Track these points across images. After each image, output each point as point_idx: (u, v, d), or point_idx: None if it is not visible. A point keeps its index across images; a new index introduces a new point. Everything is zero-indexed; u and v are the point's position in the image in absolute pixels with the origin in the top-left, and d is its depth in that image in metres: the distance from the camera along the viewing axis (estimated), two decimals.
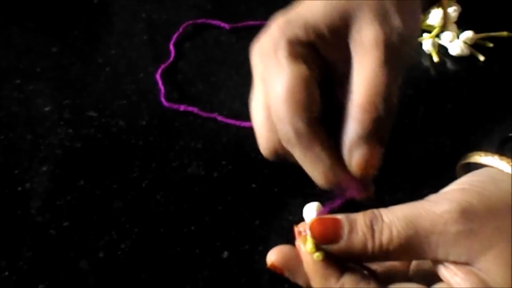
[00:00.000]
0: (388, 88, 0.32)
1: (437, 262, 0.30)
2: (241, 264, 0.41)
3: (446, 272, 0.30)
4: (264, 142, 0.35)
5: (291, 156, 0.34)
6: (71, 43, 0.59)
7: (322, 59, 0.34)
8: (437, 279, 0.31)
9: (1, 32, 0.61)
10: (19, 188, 0.46)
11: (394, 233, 0.29)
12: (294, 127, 0.32)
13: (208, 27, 0.60)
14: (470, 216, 0.29)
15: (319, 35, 0.34)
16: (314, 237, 0.30)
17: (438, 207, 0.29)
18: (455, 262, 0.29)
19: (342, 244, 0.30)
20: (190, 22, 0.60)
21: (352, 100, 0.32)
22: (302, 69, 0.33)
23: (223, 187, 0.46)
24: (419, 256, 0.30)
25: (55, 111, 0.52)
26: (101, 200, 0.45)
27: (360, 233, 0.30)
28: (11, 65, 0.57)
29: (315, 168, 0.33)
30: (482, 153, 0.35)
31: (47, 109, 0.52)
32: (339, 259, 0.31)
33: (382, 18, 0.33)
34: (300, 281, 0.32)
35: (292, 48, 0.33)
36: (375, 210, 0.30)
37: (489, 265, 0.28)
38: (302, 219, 0.39)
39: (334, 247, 0.30)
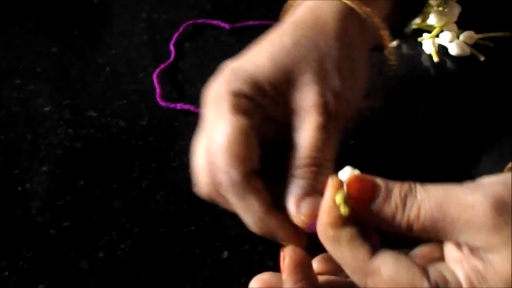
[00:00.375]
0: (326, 147, 0.35)
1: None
2: (241, 264, 0.41)
3: (457, 252, 0.30)
4: (202, 185, 0.36)
5: (226, 201, 0.35)
6: (71, 43, 0.59)
7: (264, 112, 0.36)
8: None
9: (1, 32, 0.61)
10: (19, 188, 0.46)
11: (422, 212, 0.29)
12: (230, 177, 0.34)
13: (208, 27, 0.60)
14: (501, 211, 0.29)
15: (262, 91, 0.36)
16: (350, 192, 0.30)
17: (472, 196, 0.29)
18: (469, 247, 0.29)
19: (374, 207, 0.30)
20: (190, 22, 0.60)
21: (295, 159, 0.35)
22: (243, 121, 0.34)
23: None
24: (440, 238, 0.30)
25: (55, 111, 0.52)
26: (101, 200, 0.45)
27: (393, 203, 0.30)
28: (11, 65, 0.57)
29: (247, 216, 0.35)
30: None
31: (47, 109, 0.52)
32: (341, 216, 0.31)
33: (322, 80, 0.36)
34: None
35: (235, 100, 0.35)
36: (412, 184, 0.30)
37: (499, 262, 0.28)
38: None
39: (364, 209, 0.30)
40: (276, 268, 0.41)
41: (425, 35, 0.59)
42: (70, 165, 0.48)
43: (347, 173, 0.32)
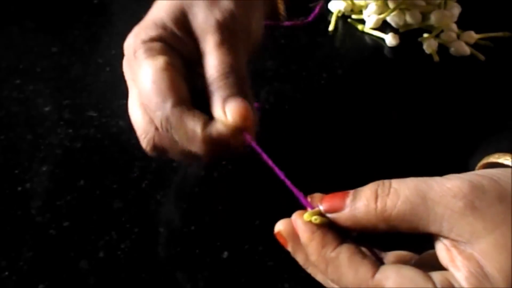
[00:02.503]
0: (231, 59, 0.37)
1: (438, 240, 0.30)
2: (241, 264, 0.41)
3: (447, 254, 0.30)
4: (143, 137, 0.38)
5: (171, 144, 0.37)
6: (71, 43, 0.59)
7: (178, 49, 0.38)
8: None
9: (1, 32, 0.61)
10: (19, 188, 0.46)
11: (401, 197, 0.29)
12: (164, 111, 0.35)
13: None
14: (479, 194, 0.29)
15: (168, 30, 0.38)
16: (324, 206, 0.31)
17: (450, 181, 0.30)
18: (456, 241, 0.29)
19: (346, 211, 0.31)
20: None
21: (207, 80, 0.37)
22: (160, 61, 0.37)
23: (223, 187, 0.46)
24: (422, 228, 0.30)
25: (55, 111, 0.52)
26: (101, 200, 0.45)
27: (363, 199, 0.31)
28: (11, 65, 0.57)
29: (191, 142, 0.36)
30: (498, 154, 0.36)
31: (47, 109, 0.52)
32: (337, 232, 0.31)
33: (213, 4, 0.39)
34: (299, 257, 0.33)
35: (147, 46, 0.38)
36: (384, 180, 0.31)
37: (489, 248, 0.28)
38: None
39: (339, 215, 0.31)
40: (276, 268, 0.41)
41: (425, 35, 0.59)
42: (70, 165, 0.48)
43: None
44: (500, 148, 0.36)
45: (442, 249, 0.30)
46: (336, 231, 0.31)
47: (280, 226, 0.34)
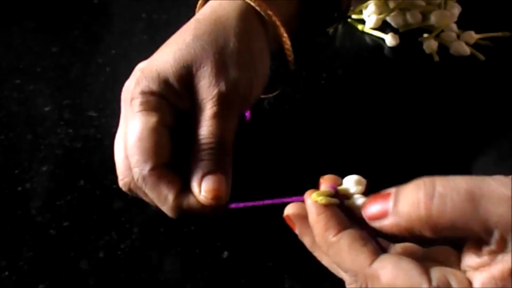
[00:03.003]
0: (222, 132, 0.39)
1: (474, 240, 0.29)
2: (241, 264, 0.41)
3: (476, 256, 0.29)
4: (121, 178, 0.40)
5: (144, 193, 0.39)
6: (71, 43, 0.59)
7: (173, 106, 0.40)
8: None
9: (1, 32, 0.61)
10: (19, 188, 0.46)
11: (449, 204, 0.28)
12: (141, 171, 0.37)
13: None
14: None
15: (169, 86, 0.39)
16: (366, 213, 0.31)
17: (506, 188, 0.27)
18: (497, 248, 0.28)
19: (389, 220, 0.30)
20: None
21: (195, 146, 0.39)
22: (152, 119, 0.38)
23: None
24: (467, 234, 0.28)
25: (55, 111, 0.52)
26: (101, 200, 0.45)
27: (404, 204, 0.29)
28: (11, 65, 0.57)
29: (162, 205, 0.38)
30: None
31: (47, 109, 0.52)
32: (345, 216, 0.32)
33: (219, 71, 0.39)
34: (306, 240, 0.34)
35: (144, 98, 0.39)
36: (426, 180, 0.29)
37: None
38: None
39: (383, 225, 0.30)
40: (276, 268, 0.41)
41: (425, 35, 0.59)
42: (70, 165, 0.48)
43: (352, 180, 0.33)
44: (501, 149, 0.36)
45: (471, 253, 0.29)
46: (344, 216, 0.32)
47: (289, 210, 0.34)
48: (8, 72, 0.56)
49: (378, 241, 0.32)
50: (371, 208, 0.31)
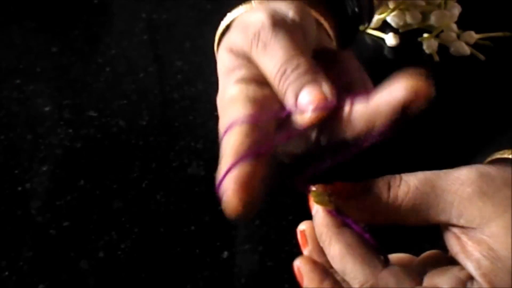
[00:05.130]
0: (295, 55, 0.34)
1: (447, 230, 0.31)
2: (241, 264, 0.41)
3: (457, 242, 0.30)
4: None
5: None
6: (71, 43, 0.59)
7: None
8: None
9: (1, 32, 0.61)
10: (19, 188, 0.46)
11: (412, 186, 0.30)
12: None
13: (208, 26, 0.60)
14: (487, 180, 0.30)
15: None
16: (333, 191, 0.32)
17: (458, 171, 0.30)
18: (465, 228, 0.30)
19: (358, 198, 0.31)
20: None
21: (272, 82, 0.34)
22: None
23: None
24: (432, 217, 0.30)
25: (55, 111, 0.52)
26: (101, 200, 0.45)
27: (375, 188, 0.31)
28: (11, 65, 0.57)
29: None
30: (503, 151, 0.36)
31: (47, 109, 0.52)
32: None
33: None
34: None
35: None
36: (395, 175, 0.32)
37: (499, 230, 0.29)
38: (302, 219, 0.39)
39: (350, 202, 0.31)
40: (276, 268, 0.41)
41: (425, 35, 0.59)
42: (70, 165, 0.48)
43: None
44: (501, 148, 0.36)
45: (451, 238, 0.30)
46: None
47: (304, 226, 0.34)
48: (8, 72, 0.56)
49: (374, 239, 0.32)
50: (342, 186, 0.32)
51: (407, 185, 0.30)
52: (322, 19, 0.41)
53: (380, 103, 0.33)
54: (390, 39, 0.58)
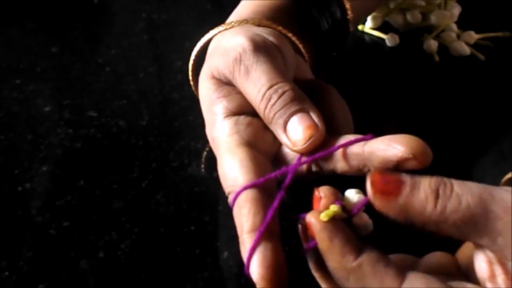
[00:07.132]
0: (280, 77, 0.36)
1: (481, 251, 0.29)
2: (241, 264, 0.41)
3: (488, 268, 0.29)
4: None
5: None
6: (71, 43, 0.59)
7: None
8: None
9: (1, 32, 0.61)
10: (19, 188, 0.46)
11: (464, 204, 0.28)
12: None
13: (208, 26, 0.60)
14: None
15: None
16: (374, 190, 0.29)
17: (510, 193, 0.29)
18: (503, 257, 0.28)
19: (401, 200, 0.29)
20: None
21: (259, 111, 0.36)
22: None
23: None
24: (474, 237, 0.29)
25: (55, 111, 0.52)
26: (101, 200, 0.45)
27: (422, 194, 0.29)
28: (11, 65, 0.57)
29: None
30: None
31: (47, 109, 0.52)
32: (355, 239, 0.30)
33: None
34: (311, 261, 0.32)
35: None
36: (445, 178, 0.29)
37: None
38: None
39: (392, 203, 0.29)
40: None
41: (425, 35, 0.59)
42: (70, 165, 0.48)
43: (352, 194, 0.32)
44: (501, 149, 0.36)
45: (483, 261, 0.29)
46: (353, 235, 0.30)
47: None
48: (8, 72, 0.56)
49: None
50: (383, 184, 0.29)
51: (458, 200, 0.28)
52: (298, 42, 0.42)
53: (377, 150, 0.32)
54: (390, 39, 0.58)
